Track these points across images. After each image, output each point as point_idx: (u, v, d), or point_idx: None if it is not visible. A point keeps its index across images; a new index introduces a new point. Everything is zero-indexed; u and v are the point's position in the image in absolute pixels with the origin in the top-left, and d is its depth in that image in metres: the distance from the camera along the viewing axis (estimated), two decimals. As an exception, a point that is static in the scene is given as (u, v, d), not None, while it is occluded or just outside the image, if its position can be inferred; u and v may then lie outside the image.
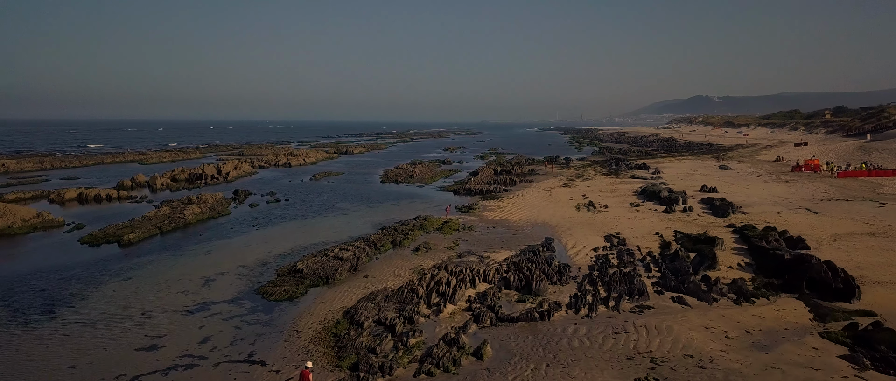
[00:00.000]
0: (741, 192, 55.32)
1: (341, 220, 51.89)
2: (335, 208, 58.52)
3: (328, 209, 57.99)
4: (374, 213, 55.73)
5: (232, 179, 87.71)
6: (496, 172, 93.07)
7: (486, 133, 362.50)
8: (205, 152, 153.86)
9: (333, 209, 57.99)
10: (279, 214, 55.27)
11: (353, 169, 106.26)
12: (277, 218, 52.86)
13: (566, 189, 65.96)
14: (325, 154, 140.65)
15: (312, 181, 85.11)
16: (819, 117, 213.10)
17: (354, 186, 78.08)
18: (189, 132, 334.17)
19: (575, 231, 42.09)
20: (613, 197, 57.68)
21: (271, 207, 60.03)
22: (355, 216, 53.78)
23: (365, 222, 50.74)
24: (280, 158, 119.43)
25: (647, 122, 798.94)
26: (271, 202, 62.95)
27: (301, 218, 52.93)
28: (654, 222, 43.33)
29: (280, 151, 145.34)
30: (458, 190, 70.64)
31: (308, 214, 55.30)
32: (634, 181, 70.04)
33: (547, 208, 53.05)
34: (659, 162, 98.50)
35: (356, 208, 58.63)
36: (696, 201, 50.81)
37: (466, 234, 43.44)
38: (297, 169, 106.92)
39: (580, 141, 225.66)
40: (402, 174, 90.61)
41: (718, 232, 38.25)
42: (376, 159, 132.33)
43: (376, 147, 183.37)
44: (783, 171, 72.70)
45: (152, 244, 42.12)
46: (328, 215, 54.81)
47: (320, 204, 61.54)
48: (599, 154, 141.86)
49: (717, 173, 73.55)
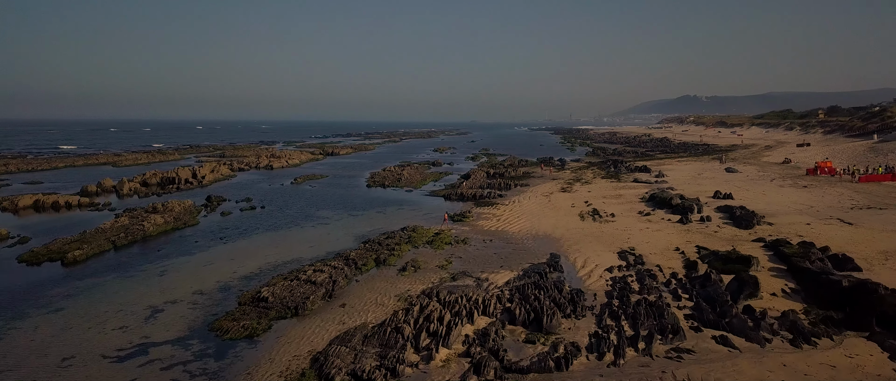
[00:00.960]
0: (758, 198, 50.83)
1: (320, 231, 46.76)
2: (314, 217, 53.37)
3: (307, 218, 52.83)
4: (357, 222, 50.67)
5: (208, 183, 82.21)
6: (489, 174, 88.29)
7: (476, 133, 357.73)
8: (185, 154, 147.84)
9: (312, 218, 52.84)
10: (252, 224, 50.05)
11: (339, 171, 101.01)
12: (250, 229, 47.65)
13: (566, 194, 61.25)
14: (310, 156, 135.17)
15: (293, 185, 79.83)
16: (813, 117, 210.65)
17: (338, 191, 72.91)
18: (176, 132, 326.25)
19: (583, 246, 37.29)
20: (619, 204, 53.01)
21: (245, 215, 54.79)
22: (336, 227, 48.68)
23: (346, 233, 45.66)
24: (261, 160, 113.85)
25: (635, 121, 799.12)
26: (246, 210, 57.69)
27: (276, 229, 47.74)
28: (670, 235, 38.64)
29: (263, 152, 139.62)
30: (450, 195, 65.72)
31: (284, 224, 50.12)
32: (638, 186, 65.46)
33: (547, 217, 48.26)
34: (659, 164, 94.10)
35: (338, 217, 53.52)
36: (713, 210, 46.22)
37: (460, 248, 38.53)
38: (278, 172, 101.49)
39: (572, 141, 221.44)
40: (389, 177, 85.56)
41: (747, 248, 33.61)
42: (363, 161, 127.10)
43: (364, 148, 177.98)
44: (796, 174, 68.42)
45: (101, 263, 36.79)
46: (306, 225, 49.66)
47: (299, 212, 56.37)
48: (594, 155, 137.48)
49: (726, 177, 69.14)
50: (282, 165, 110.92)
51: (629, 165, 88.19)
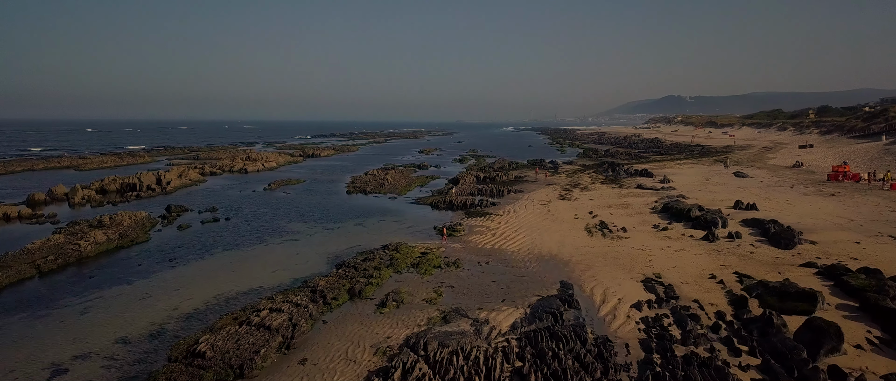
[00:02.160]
0: (786, 209, 45.27)
1: (288, 250, 40.40)
2: (284, 231, 46.97)
3: (275, 233, 46.42)
4: (332, 238, 44.36)
5: (173, 189, 75.32)
6: (479, 179, 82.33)
7: (462, 133, 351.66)
8: (158, 156, 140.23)
9: (282, 233, 46.43)
10: (211, 240, 43.55)
11: (318, 175, 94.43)
12: (207, 247, 41.17)
13: (566, 203, 55.41)
14: (289, 158, 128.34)
15: (266, 192, 73.22)
16: (804, 117, 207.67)
17: (314, 199, 66.46)
18: (155, 133, 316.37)
19: (598, 271, 31.37)
20: (628, 215, 47.24)
21: (206, 229, 48.28)
22: (308, 244, 42.33)
23: (318, 252, 39.37)
24: (236, 164, 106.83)
25: (620, 121, 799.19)
26: (208, 222, 51.15)
27: (237, 247, 41.31)
28: (698, 257, 32.85)
29: (239, 154, 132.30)
30: (438, 203, 59.64)
31: (248, 240, 43.67)
32: (644, 193, 59.80)
33: (550, 231, 42.32)
34: (660, 167, 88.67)
35: (311, 231, 47.17)
36: (739, 224, 40.52)
37: (451, 274, 32.46)
38: (253, 176, 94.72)
39: (561, 142, 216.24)
40: (371, 182, 79.24)
41: (798, 276, 27.91)
42: (345, 164, 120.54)
43: (347, 149, 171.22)
44: (815, 179, 63.01)
45: (14, 296, 30.19)
46: (273, 241, 43.26)
47: (267, 225, 49.93)
48: (586, 157, 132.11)
49: (738, 183, 63.64)
50: (257, 169, 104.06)
51: (628, 169, 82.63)
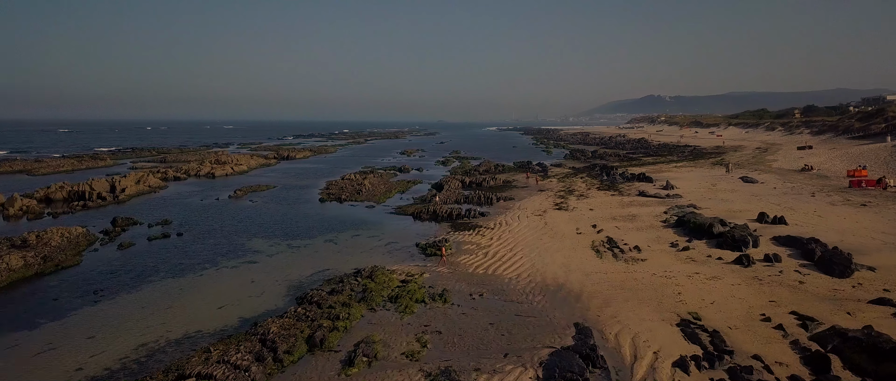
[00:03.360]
0: (817, 223, 39.83)
1: (242, 277, 33.92)
2: (242, 251, 40.44)
3: (231, 253, 39.88)
4: (297, 259, 37.97)
5: (127, 197, 68.14)
6: (464, 183, 76.33)
7: (444, 134, 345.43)
8: (122, 159, 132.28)
9: (239, 252, 39.90)
10: (154, 263, 36.90)
11: (290, 180, 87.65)
12: (145, 274, 34.53)
13: (563, 213, 49.59)
14: (262, 160, 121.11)
15: (231, 200, 66.43)
16: (790, 117, 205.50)
17: (283, 209, 59.88)
18: (131, 134, 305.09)
19: (618, 308, 25.47)
20: (636, 229, 41.51)
21: (152, 248, 41.60)
22: (267, 268, 35.88)
23: (278, 280, 32.97)
24: (203, 167, 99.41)
25: (601, 121, 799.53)
26: (156, 239, 44.43)
27: (182, 273, 34.74)
28: (736, 288, 27.11)
29: (208, 157, 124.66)
30: (420, 213, 53.50)
31: (197, 263, 37.11)
32: (648, 201, 54.21)
33: (551, 250, 36.41)
34: (656, 171, 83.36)
35: (273, 250, 40.71)
36: (770, 241, 34.89)
37: (438, 312, 26.35)
38: (220, 181, 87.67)
39: (545, 142, 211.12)
40: (347, 188, 72.81)
41: (874, 317, 22.28)
42: (321, 166, 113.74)
43: (324, 150, 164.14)
44: (835, 186, 57.60)
45: None
46: (226, 264, 36.75)
47: (224, 242, 43.34)
48: (574, 158, 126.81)
49: (751, 190, 58.19)
50: (226, 173, 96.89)
51: (624, 173, 77.13)
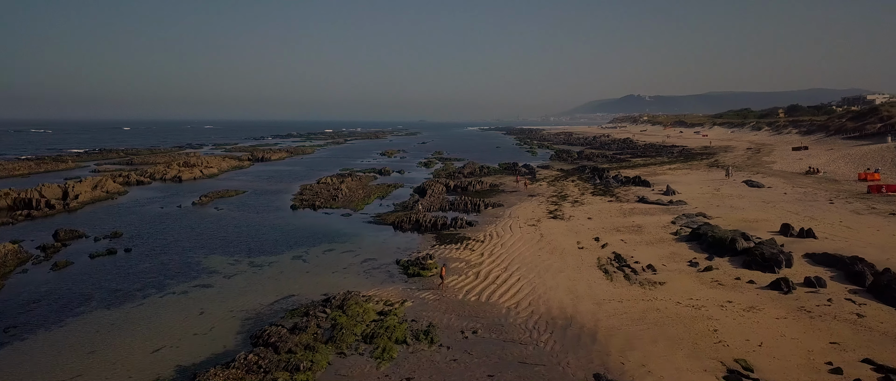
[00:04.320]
0: (847, 235, 35.57)
1: (190, 307, 28.63)
2: (196, 271, 35.09)
3: (183, 273, 34.54)
4: (258, 282, 32.74)
5: (80, 205, 62.14)
6: (449, 187, 71.49)
7: (426, 134, 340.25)
8: (86, 161, 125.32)
9: (192, 273, 34.57)
10: (87, 289, 31.42)
11: (262, 184, 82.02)
12: (74, 303, 29.07)
13: (559, 223, 44.97)
14: (235, 162, 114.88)
15: (195, 207, 60.84)
16: (773, 116, 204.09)
17: (250, 217, 54.49)
18: (107, 134, 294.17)
19: (645, 350, 20.79)
20: (645, 242, 36.98)
21: (93, 267, 36.09)
22: (221, 294, 30.63)
23: (231, 311, 27.75)
24: (170, 170, 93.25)
25: (581, 121, 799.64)
26: (99, 256, 38.91)
27: (120, 302, 29.35)
28: (783, 323, 22.57)
29: (177, 159, 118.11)
30: (402, 223, 48.55)
31: (141, 288, 31.73)
32: (651, 209, 49.85)
33: (552, 270, 31.69)
34: (651, 173, 79.21)
35: (232, 270, 35.42)
36: (803, 259, 30.44)
37: (423, 357, 21.47)
38: (187, 185, 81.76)
39: (529, 143, 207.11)
40: (323, 193, 67.55)
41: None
42: (297, 168, 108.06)
43: (302, 151, 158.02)
44: (852, 191, 53.15)
45: None
46: (175, 289, 31.41)
47: (177, 260, 37.94)
48: (560, 159, 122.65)
49: (760, 196, 53.84)
50: (194, 177, 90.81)
51: (618, 177, 72.84)
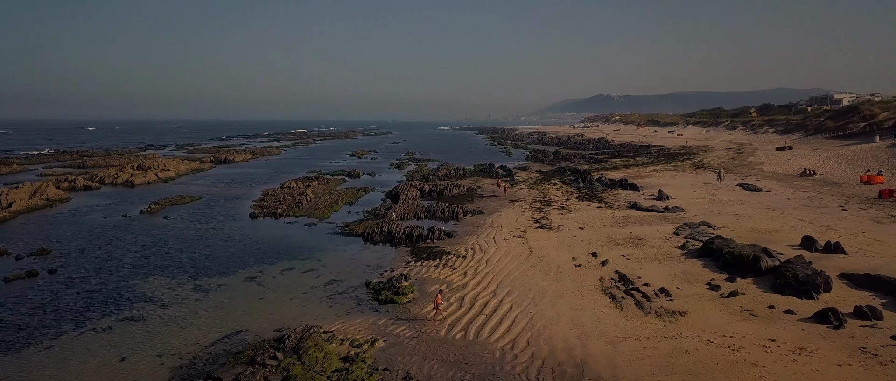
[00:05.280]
0: (879, 249, 31.63)
1: (110, 350, 23.18)
2: (128, 299, 29.55)
3: (111, 302, 28.98)
4: (199, 313, 27.41)
5: (11, 214, 55.67)
6: (424, 192, 66.62)
7: (397, 133, 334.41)
8: (33, 163, 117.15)
9: (123, 302, 29.04)
10: (-13, 325, 25.78)
11: (222, 189, 75.96)
12: (-36, 346, 23.48)
13: (548, 234, 40.50)
14: (195, 165, 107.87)
15: (143, 216, 54.84)
16: (746, 116, 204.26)
17: (202, 228, 48.82)
18: (66, 134, 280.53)
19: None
20: (650, 259, 32.67)
21: (1, 295, 30.27)
22: (152, 331, 25.24)
23: (161, 355, 22.46)
24: (123, 174, 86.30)
25: (552, 121, 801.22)
26: (16, 279, 33.07)
27: (22, 344, 23.79)
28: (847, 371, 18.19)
29: (133, 161, 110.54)
30: (372, 233, 43.54)
31: (53, 322, 26.14)
32: (646, 216, 45.76)
33: (550, 295, 27.10)
34: (635, 175, 75.49)
35: (171, 296, 29.96)
36: (840, 280, 26.42)
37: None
38: (140, 190, 75.27)
39: (503, 143, 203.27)
40: (286, 199, 62.09)
41: None
42: (261, 171, 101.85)
43: (267, 152, 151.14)
44: (860, 196, 49.06)
45: None
46: (97, 323, 25.90)
47: (108, 283, 32.30)
48: (537, 160, 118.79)
49: (763, 201, 49.70)
50: (148, 181, 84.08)
51: (602, 179, 68.92)
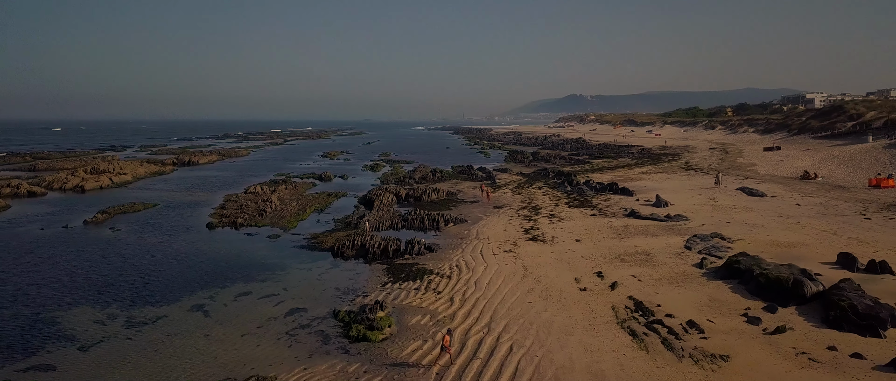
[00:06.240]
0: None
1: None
2: (40, 338, 24.22)
3: (18, 346, 23.58)
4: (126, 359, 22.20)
5: (-67, 226, 49.23)
6: (400, 197, 61.84)
7: (371, 133, 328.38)
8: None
9: (33, 343, 23.72)
10: None
11: (180, 194, 70.04)
12: None
13: (542, 247, 36.10)
14: (155, 168, 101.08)
15: (87, 227, 49.01)
16: (721, 115, 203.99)
17: (150, 242, 43.27)
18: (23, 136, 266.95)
19: None
20: (664, 278, 28.46)
21: None
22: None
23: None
24: (74, 178, 79.61)
25: (525, 121, 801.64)
26: (-90, 311, 27.38)
27: None
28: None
29: (87, 164, 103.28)
30: (343, 246, 38.66)
31: (-62, 375, 20.83)
32: (647, 225, 41.69)
33: (555, 330, 22.64)
34: (623, 177, 71.71)
35: (95, 335, 24.69)
36: (894, 308, 22.68)
37: None
38: (90, 196, 69.00)
39: (480, 143, 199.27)
40: (249, 206, 56.76)
41: None
42: (225, 174, 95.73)
43: (235, 154, 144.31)
44: (881, 202, 45.76)
45: None
46: (-7, 377, 20.71)
47: (23, 317, 26.84)
48: (516, 161, 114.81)
49: (772, 208, 45.66)
50: (101, 185, 77.58)
51: (590, 182, 64.92)
